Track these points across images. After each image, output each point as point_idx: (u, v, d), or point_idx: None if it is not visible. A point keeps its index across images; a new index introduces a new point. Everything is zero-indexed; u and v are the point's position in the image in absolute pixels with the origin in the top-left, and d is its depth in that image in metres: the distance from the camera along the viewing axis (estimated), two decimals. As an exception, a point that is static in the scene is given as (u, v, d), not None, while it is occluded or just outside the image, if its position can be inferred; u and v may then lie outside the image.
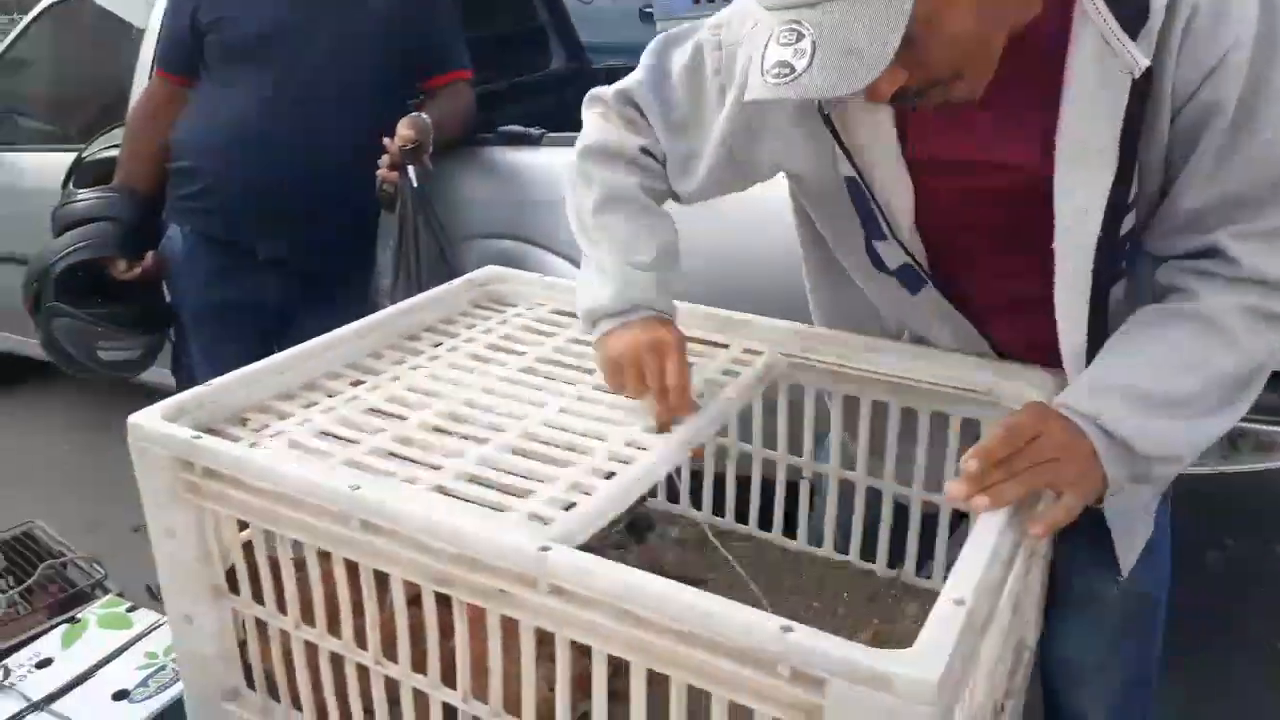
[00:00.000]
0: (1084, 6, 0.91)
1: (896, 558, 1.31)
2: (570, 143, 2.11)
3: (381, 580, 0.93)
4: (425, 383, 1.16)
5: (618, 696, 0.84)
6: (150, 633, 1.54)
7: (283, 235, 1.97)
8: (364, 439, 1.04)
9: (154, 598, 1.48)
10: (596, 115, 1.22)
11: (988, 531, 0.87)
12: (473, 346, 1.26)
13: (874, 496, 1.30)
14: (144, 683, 1.45)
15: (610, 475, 0.97)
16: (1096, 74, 0.92)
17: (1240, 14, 0.90)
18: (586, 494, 0.94)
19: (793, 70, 0.84)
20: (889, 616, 1.27)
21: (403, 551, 0.89)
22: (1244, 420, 1.77)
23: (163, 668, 1.49)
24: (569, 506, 0.91)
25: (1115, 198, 0.96)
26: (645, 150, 1.18)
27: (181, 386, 2.33)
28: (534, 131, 2.09)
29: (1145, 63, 0.89)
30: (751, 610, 0.76)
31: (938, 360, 1.19)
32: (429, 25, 2.05)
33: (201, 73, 1.99)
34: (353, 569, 0.95)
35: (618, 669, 0.83)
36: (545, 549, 0.82)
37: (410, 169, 1.86)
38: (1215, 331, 0.97)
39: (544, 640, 0.86)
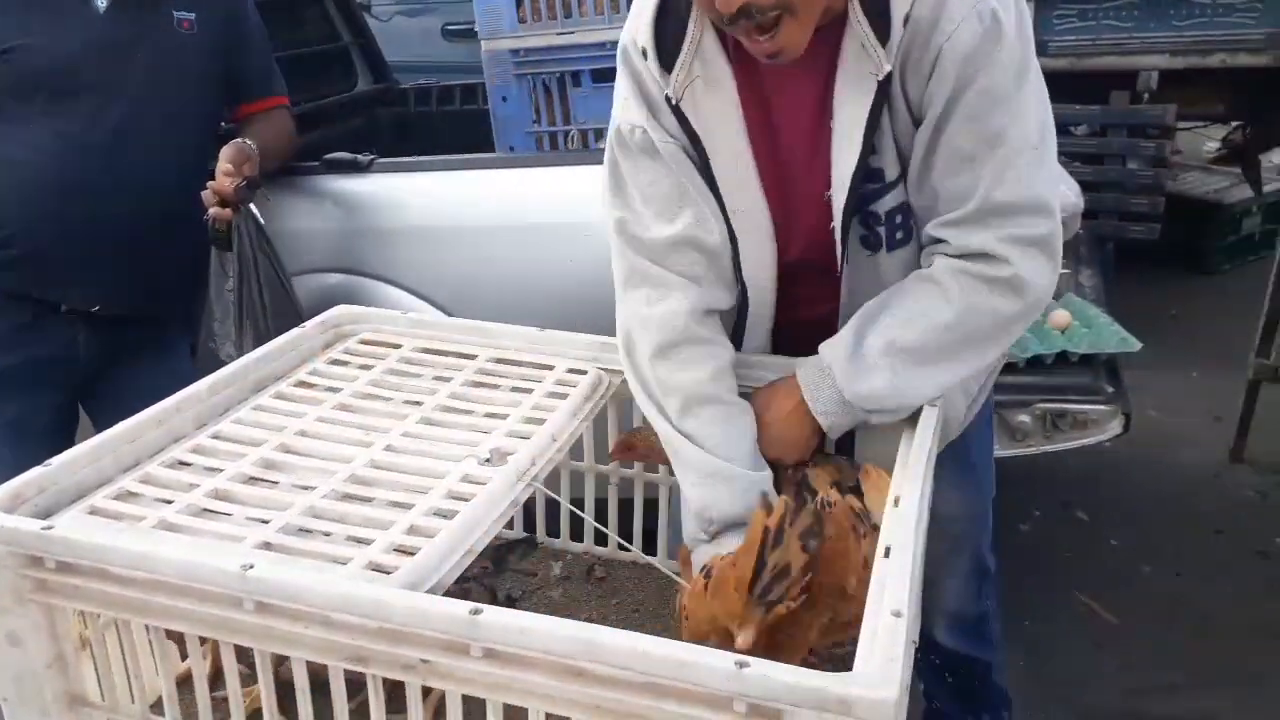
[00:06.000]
0: (851, 12, 1.06)
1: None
2: (402, 168, 2.07)
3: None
4: (296, 441, 1.08)
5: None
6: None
7: (96, 286, 1.76)
8: (236, 510, 0.95)
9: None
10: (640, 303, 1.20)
11: (904, 539, 0.89)
12: (340, 397, 1.18)
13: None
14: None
15: (451, 515, 0.94)
16: (855, 71, 1.08)
17: (949, 25, 1.04)
18: (429, 537, 0.91)
19: None
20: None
21: (306, 631, 0.82)
22: (1063, 401, 1.97)
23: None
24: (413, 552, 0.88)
25: (863, 176, 1.11)
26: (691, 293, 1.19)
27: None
28: (362, 158, 1.99)
29: (888, 67, 1.06)
30: (704, 650, 0.74)
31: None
32: (245, 51, 1.90)
33: None
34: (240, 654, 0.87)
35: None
36: (476, 612, 0.77)
37: (251, 205, 1.73)
38: (936, 286, 1.12)
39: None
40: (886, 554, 0.88)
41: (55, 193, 1.70)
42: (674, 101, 1.14)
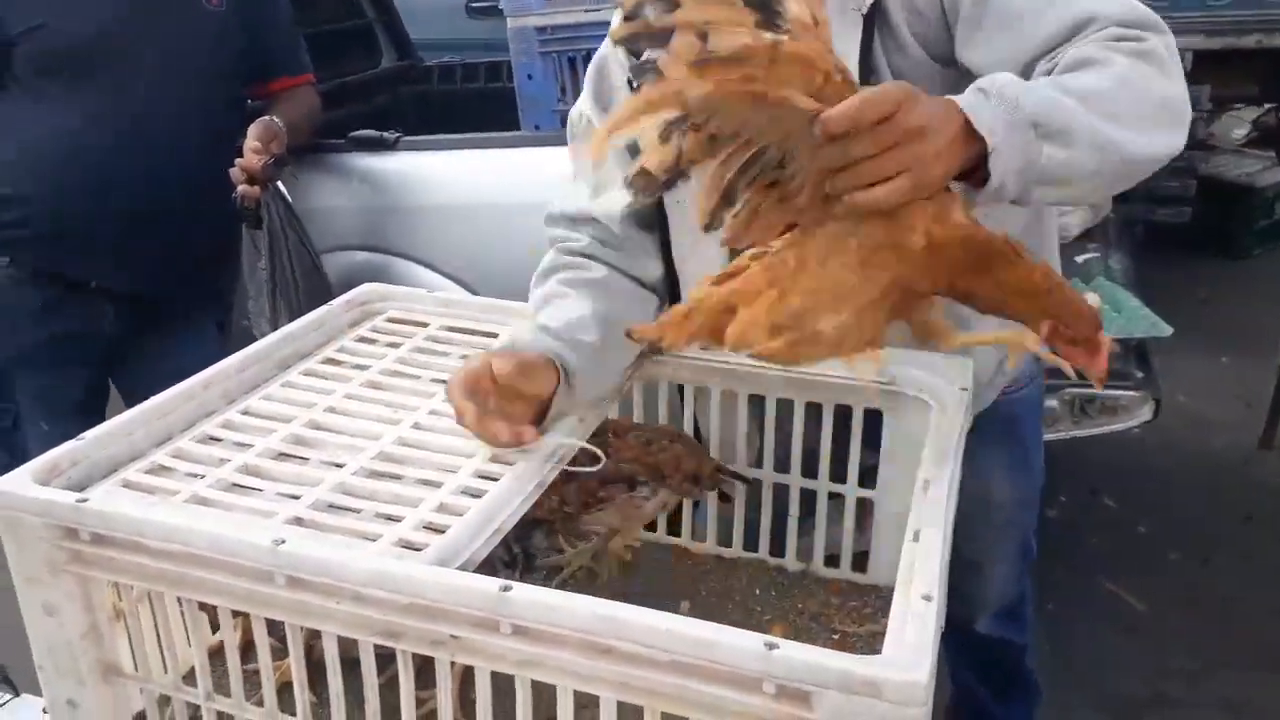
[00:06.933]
0: None
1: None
2: (427, 146, 2.07)
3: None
4: (325, 418, 1.08)
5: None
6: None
7: (122, 264, 1.78)
8: (267, 486, 0.96)
9: (5, 680, 1.31)
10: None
11: (934, 522, 0.88)
12: (368, 374, 1.18)
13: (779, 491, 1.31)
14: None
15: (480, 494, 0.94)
16: (839, 9, 1.05)
17: None
18: (458, 515, 0.90)
19: None
20: (802, 609, 1.29)
21: (338, 606, 0.82)
22: (1092, 386, 1.94)
23: (16, 751, 1.33)
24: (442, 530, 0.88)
25: None
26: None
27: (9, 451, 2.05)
28: (388, 135, 1.99)
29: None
30: (733, 630, 0.74)
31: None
32: (272, 28, 1.91)
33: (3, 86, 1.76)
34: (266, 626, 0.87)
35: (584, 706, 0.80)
36: (506, 588, 0.77)
37: (279, 183, 1.73)
38: (1082, 61, 0.96)
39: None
40: (916, 537, 0.88)
41: (77, 172, 1.71)
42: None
